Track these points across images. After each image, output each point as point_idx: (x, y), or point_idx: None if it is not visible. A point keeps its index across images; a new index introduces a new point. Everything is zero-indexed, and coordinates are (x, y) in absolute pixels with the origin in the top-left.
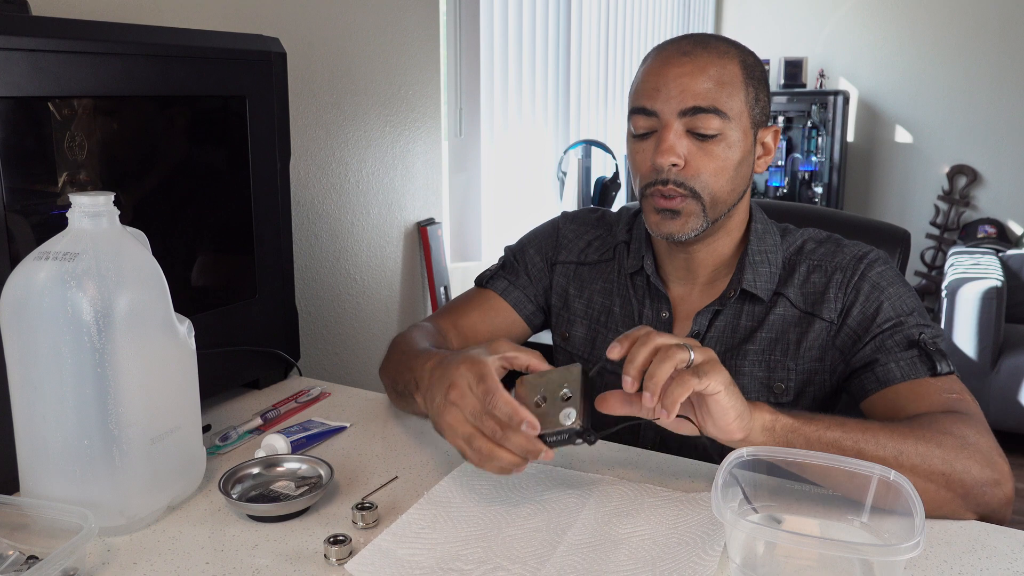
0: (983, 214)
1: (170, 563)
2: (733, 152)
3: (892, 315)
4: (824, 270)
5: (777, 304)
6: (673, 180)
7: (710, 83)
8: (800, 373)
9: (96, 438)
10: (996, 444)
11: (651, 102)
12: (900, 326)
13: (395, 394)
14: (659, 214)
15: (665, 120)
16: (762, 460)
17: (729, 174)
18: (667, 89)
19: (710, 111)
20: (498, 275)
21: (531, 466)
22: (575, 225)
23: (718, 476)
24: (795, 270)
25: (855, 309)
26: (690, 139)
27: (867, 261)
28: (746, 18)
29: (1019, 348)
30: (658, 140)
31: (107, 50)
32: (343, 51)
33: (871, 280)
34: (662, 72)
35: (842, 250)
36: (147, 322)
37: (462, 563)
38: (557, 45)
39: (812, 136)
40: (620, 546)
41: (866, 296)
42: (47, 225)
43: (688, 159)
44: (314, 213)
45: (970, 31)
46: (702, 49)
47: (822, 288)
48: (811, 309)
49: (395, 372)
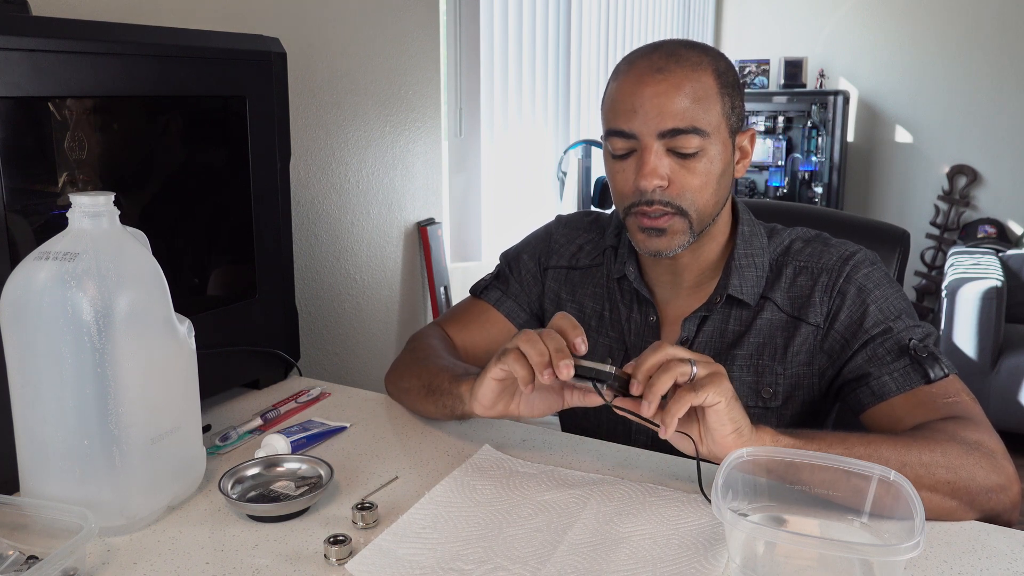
0: (983, 214)
1: (170, 563)
2: (715, 166)
3: (880, 319)
4: (810, 272)
5: (764, 308)
6: (658, 200)
7: (687, 101)
8: (788, 377)
9: (96, 438)
10: (1001, 445)
11: (628, 124)
12: (889, 332)
13: (424, 393)
14: (644, 233)
15: (644, 142)
16: (761, 461)
17: (712, 187)
18: (643, 111)
19: (689, 131)
20: (492, 285)
21: (532, 466)
22: (567, 229)
23: (718, 476)
24: (782, 272)
25: (842, 314)
26: (671, 158)
27: (853, 263)
28: (746, 18)
29: (1019, 348)
30: (640, 163)
31: (107, 50)
32: (343, 51)
33: (857, 283)
34: (637, 92)
35: (829, 250)
36: (147, 322)
37: (463, 563)
38: (557, 45)
39: (812, 136)
40: (621, 546)
41: (852, 300)
42: (47, 225)
43: (671, 178)
44: (314, 213)
45: (970, 31)
46: (675, 64)
47: (808, 291)
48: (798, 313)
49: (426, 373)
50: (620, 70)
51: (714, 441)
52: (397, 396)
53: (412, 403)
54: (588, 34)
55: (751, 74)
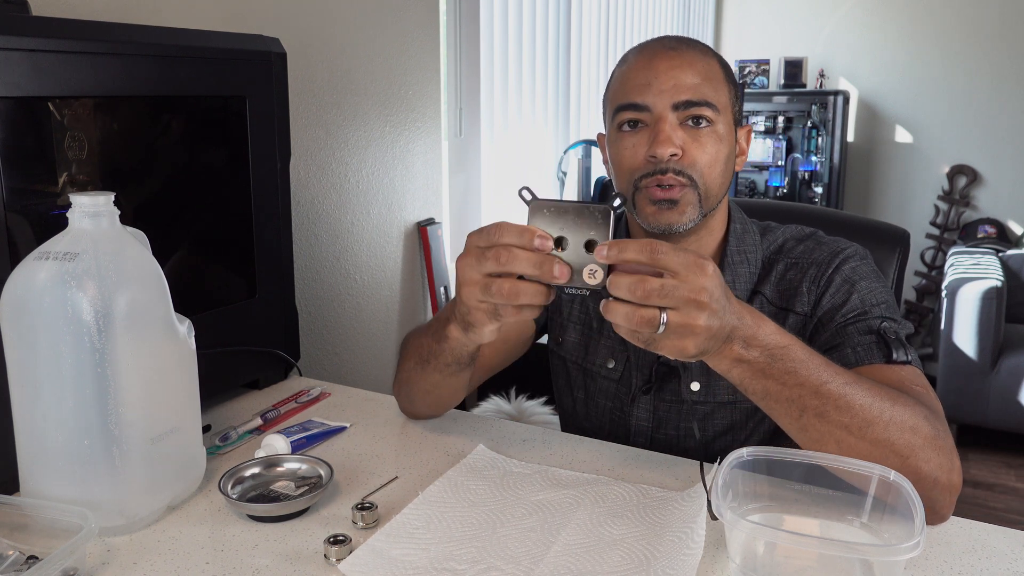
0: (983, 214)
1: (170, 563)
2: (723, 145)
3: (858, 305)
4: (800, 267)
5: (753, 302)
6: (672, 169)
7: (698, 78)
8: None
9: (96, 438)
10: (954, 448)
11: (642, 97)
12: (864, 316)
13: (420, 364)
14: (655, 205)
15: (659, 113)
16: (761, 460)
17: (720, 167)
18: (658, 83)
19: (702, 104)
20: None
21: (526, 466)
22: None
23: (717, 476)
24: (773, 268)
25: (825, 299)
26: (684, 131)
27: (843, 256)
28: (746, 18)
29: (1019, 348)
30: (654, 132)
31: (107, 50)
32: (343, 51)
33: (843, 273)
34: (651, 66)
35: (820, 247)
36: (147, 322)
37: (456, 563)
38: (557, 45)
39: (812, 136)
40: (614, 547)
41: (837, 287)
42: (47, 225)
43: (684, 149)
44: (314, 213)
45: (970, 31)
46: (686, 46)
47: (797, 283)
48: (785, 304)
49: (416, 346)
50: (628, 55)
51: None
52: (408, 401)
53: (419, 392)
54: (588, 34)
55: (751, 74)
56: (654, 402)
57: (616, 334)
